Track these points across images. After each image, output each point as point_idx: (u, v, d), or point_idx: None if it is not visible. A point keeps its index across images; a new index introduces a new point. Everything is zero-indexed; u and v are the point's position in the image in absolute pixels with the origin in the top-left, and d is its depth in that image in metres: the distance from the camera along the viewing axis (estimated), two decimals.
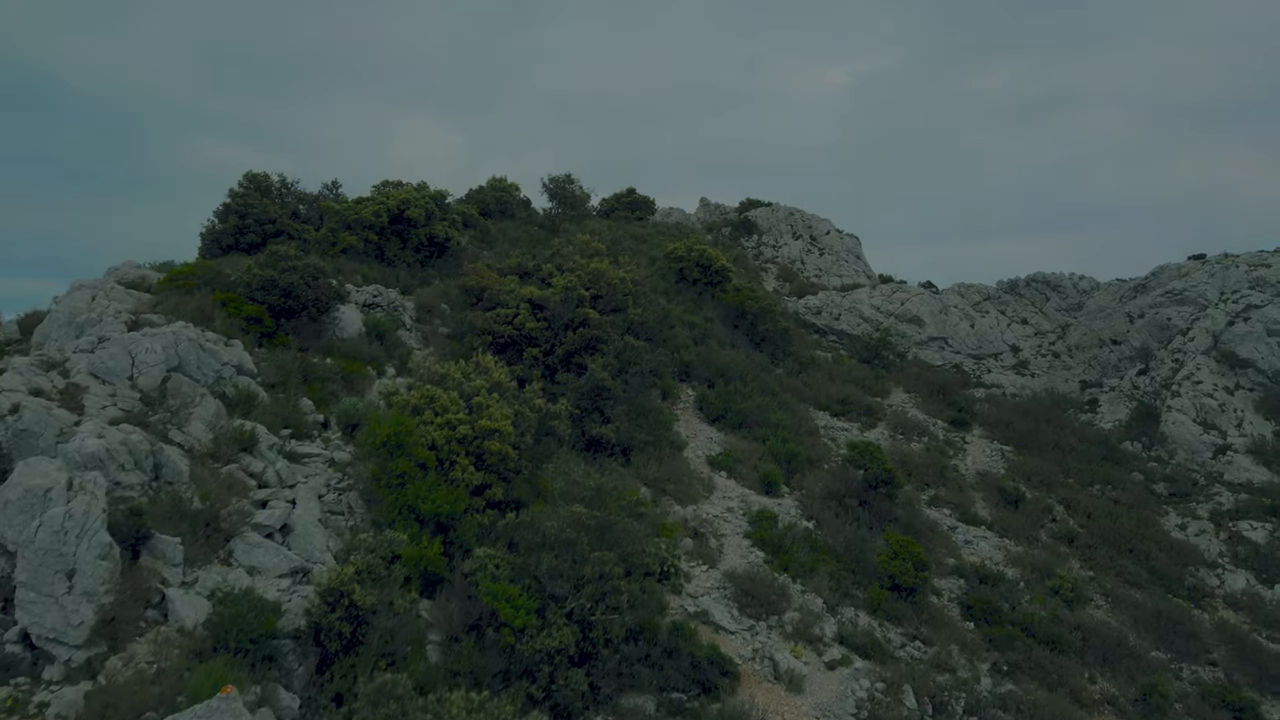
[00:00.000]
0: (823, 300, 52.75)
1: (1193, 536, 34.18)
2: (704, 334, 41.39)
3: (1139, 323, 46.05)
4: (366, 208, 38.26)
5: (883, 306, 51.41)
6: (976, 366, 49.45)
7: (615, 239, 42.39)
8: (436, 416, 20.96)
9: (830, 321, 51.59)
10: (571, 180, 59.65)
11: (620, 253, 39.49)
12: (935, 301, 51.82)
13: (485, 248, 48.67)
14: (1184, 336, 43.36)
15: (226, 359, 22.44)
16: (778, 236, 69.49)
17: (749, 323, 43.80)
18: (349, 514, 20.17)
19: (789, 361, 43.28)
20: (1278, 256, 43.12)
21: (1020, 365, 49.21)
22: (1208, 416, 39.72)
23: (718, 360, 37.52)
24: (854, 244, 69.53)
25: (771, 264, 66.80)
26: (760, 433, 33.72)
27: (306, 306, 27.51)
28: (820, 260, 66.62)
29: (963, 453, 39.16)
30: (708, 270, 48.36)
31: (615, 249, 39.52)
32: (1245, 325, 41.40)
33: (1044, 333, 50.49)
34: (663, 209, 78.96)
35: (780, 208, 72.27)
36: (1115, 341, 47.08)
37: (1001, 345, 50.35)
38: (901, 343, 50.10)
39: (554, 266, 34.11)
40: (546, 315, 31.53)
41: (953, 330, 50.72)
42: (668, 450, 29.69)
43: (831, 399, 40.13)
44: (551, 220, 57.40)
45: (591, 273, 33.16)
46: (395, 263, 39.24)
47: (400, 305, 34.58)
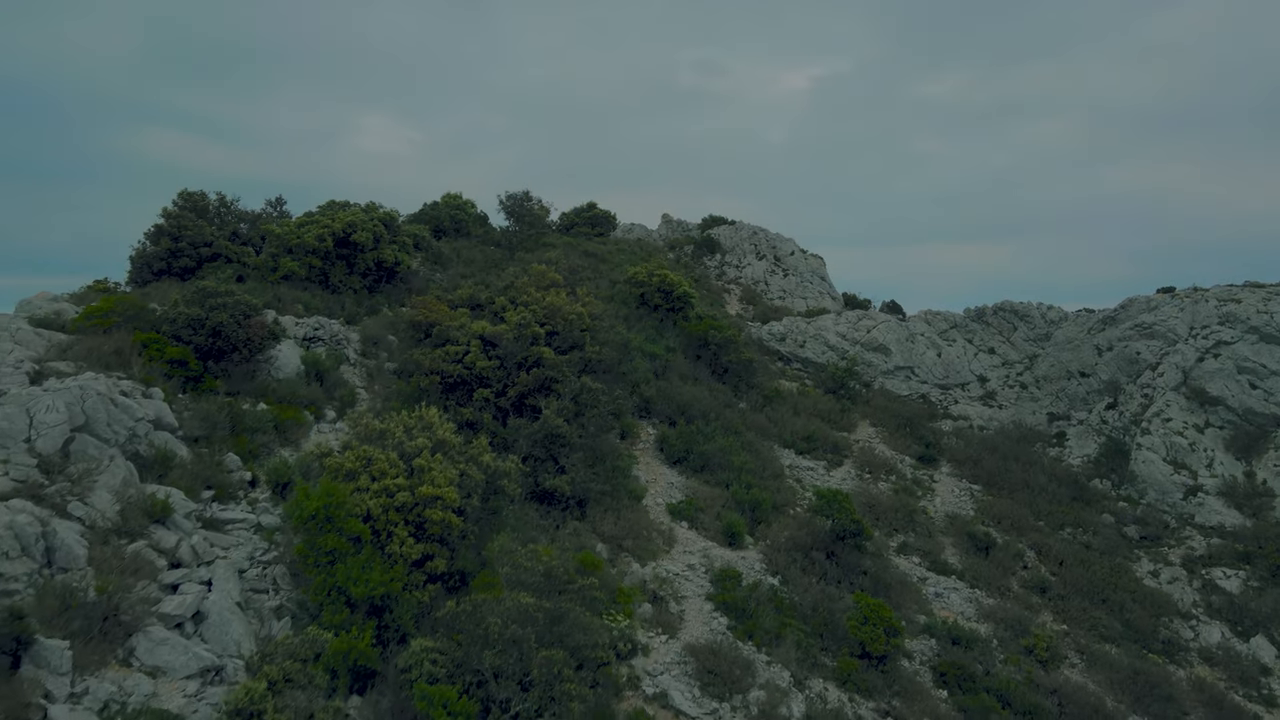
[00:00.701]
0: (787, 326, 51.68)
1: (1165, 584, 33.46)
2: (665, 366, 40.04)
3: (1107, 355, 45.54)
4: (310, 231, 36.36)
5: (848, 334, 50.46)
6: (944, 397, 48.66)
7: (573, 267, 40.85)
8: (373, 482, 19.29)
9: (795, 349, 50.51)
10: (529, 197, 58.04)
11: (578, 282, 38.01)
12: (901, 329, 51.00)
13: (438, 269, 46.92)
14: (1153, 371, 42.88)
15: (142, 413, 20.57)
16: (741, 256, 68.42)
17: (712, 353, 42.51)
18: (274, 591, 18.44)
19: (753, 394, 42.06)
20: (1247, 291, 42.83)
21: (988, 396, 48.52)
22: (1178, 456, 39.17)
23: (679, 396, 36.16)
24: (818, 265, 68.71)
25: (735, 285, 65.71)
26: (723, 476, 32.40)
27: (238, 347, 25.66)
28: (784, 281, 65.66)
29: (931, 493, 38.18)
30: (669, 296, 47.06)
31: (573, 278, 38.01)
32: (1215, 362, 40.98)
33: (1011, 363, 49.88)
34: (624, 225, 77.64)
35: (744, 226, 71.24)
36: (1083, 374, 46.55)
37: (969, 375, 49.63)
38: (868, 372, 49.17)
39: (507, 300, 32.53)
40: (499, 353, 29.93)
41: (919, 359, 49.90)
42: (626, 501, 28.22)
43: (797, 436, 38.96)
44: (509, 239, 55.74)
45: (547, 307, 31.62)
46: (341, 289, 37.39)
47: (344, 338, 32.78)
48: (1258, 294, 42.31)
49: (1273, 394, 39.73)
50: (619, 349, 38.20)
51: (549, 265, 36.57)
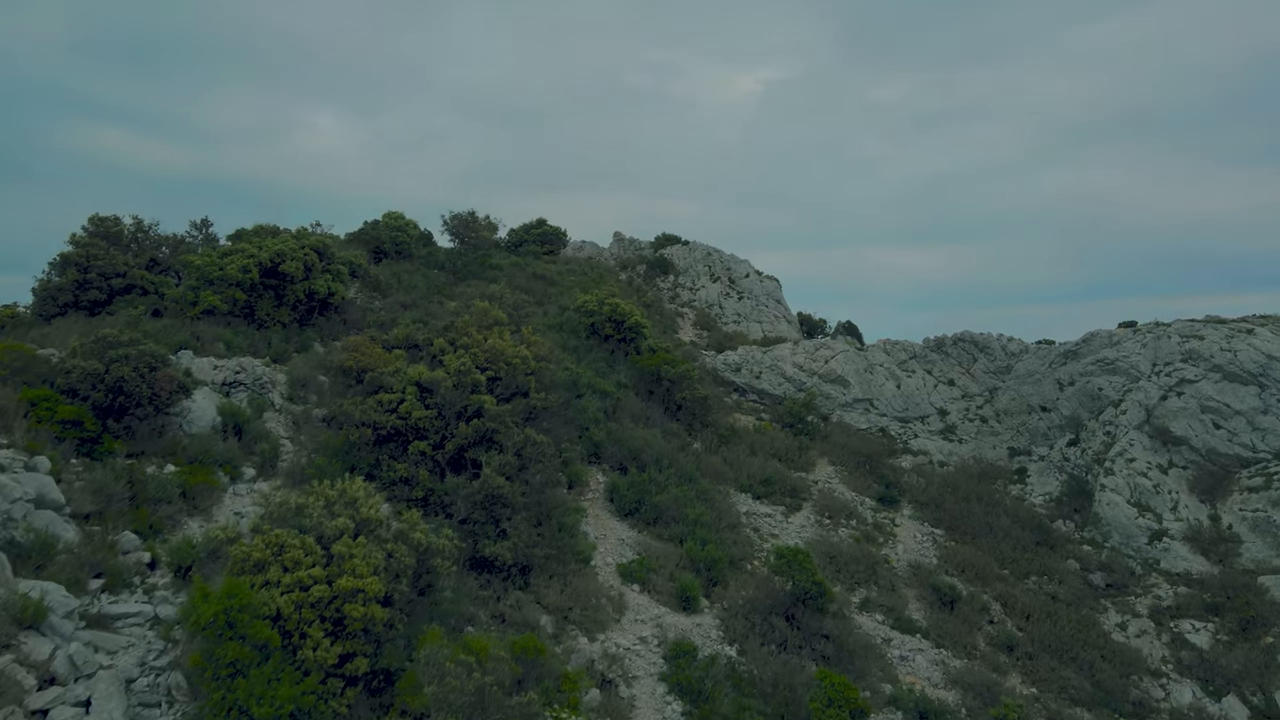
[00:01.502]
0: (743, 356, 50.27)
1: (1134, 638, 32.53)
2: (616, 404, 38.31)
3: (1069, 391, 44.83)
4: (233, 262, 33.98)
5: (806, 365, 49.20)
6: (903, 430, 47.60)
7: (518, 303, 38.88)
8: (285, 574, 17.22)
9: (751, 380, 49.10)
10: (474, 218, 55.97)
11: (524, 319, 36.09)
12: (860, 360, 49.89)
13: (377, 297, 44.68)
14: (1115, 409, 42.21)
15: (20, 492, 18.27)
16: (695, 278, 67.01)
17: (665, 389, 40.87)
18: (168, 704, 16.28)
19: (707, 433, 40.50)
20: (1209, 327, 42.37)
21: (948, 430, 47.56)
22: (1142, 498, 38.43)
23: (631, 441, 34.43)
24: (774, 287, 67.58)
25: (689, 308, 64.26)
26: (677, 530, 30.74)
27: (142, 403, 23.34)
28: (739, 305, 64.37)
29: (893, 538, 36.93)
30: (620, 326, 45.38)
31: (518, 315, 36.08)
32: (1179, 400, 40.39)
33: (971, 395, 49.02)
34: (574, 242, 75.87)
35: (698, 246, 69.88)
36: (1044, 408, 45.80)
37: (928, 408, 48.65)
38: (825, 404, 47.93)
39: (447, 341, 30.52)
40: (437, 401, 27.92)
41: (878, 391, 48.81)
42: (573, 564, 26.39)
43: (754, 479, 37.46)
44: (453, 261, 53.61)
45: (489, 350, 29.68)
46: (268, 324, 35.07)
47: (269, 381, 30.50)
48: (1220, 330, 41.86)
49: (1236, 434, 39.22)
50: (568, 387, 36.43)
51: (492, 301, 34.62)
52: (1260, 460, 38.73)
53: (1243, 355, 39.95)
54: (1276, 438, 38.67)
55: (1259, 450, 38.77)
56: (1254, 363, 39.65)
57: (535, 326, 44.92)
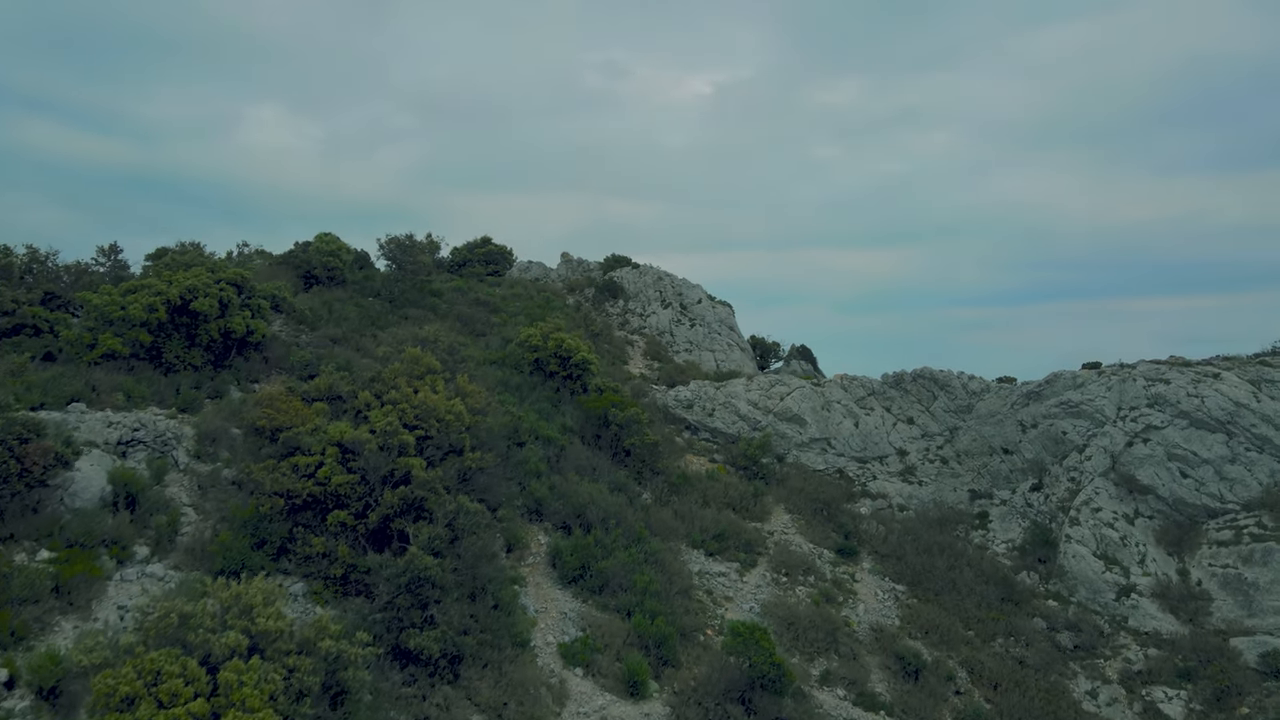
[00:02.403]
0: (695, 392, 48.36)
1: (1105, 707, 31.16)
2: (560, 452, 36.12)
3: (1032, 433, 43.66)
4: (137, 300, 31.13)
5: (760, 403, 47.44)
6: (861, 471, 46.06)
7: (453, 346, 36.41)
8: (159, 711, 14.72)
9: (703, 418, 47.20)
10: (413, 241, 53.32)
11: (460, 363, 33.68)
12: (817, 396, 48.27)
13: (305, 330, 41.92)
14: (1080, 454, 41.07)
15: None
16: (645, 304, 65.06)
17: (613, 434, 38.74)
18: None
19: (657, 482, 38.46)
20: (1175, 371, 41.48)
21: (907, 471, 46.13)
22: (1109, 550, 37.24)
23: (576, 496, 32.23)
24: (726, 314, 65.90)
25: (639, 335, 62.27)
26: (625, 600, 28.60)
27: (10, 479, 20.58)
28: (691, 332, 62.56)
29: (853, 596, 35.21)
30: (566, 363, 43.26)
31: (454, 359, 33.67)
32: (1145, 447, 39.35)
33: (931, 435, 47.68)
34: (520, 263, 73.58)
35: (649, 270, 67.97)
36: (1006, 450, 44.57)
37: (888, 448, 47.19)
38: (781, 444, 46.21)
39: (373, 395, 28.04)
40: (360, 465, 25.46)
41: (836, 430, 47.23)
42: (509, 650, 24.09)
43: (707, 533, 35.50)
44: (390, 288, 50.94)
45: (419, 406, 27.26)
46: (178, 367, 32.26)
47: (173, 437, 27.75)
48: (1186, 375, 40.97)
49: (1204, 484, 38.25)
50: (508, 434, 34.19)
51: (425, 347, 32.17)
52: (1228, 511, 37.80)
53: (1210, 402, 39.05)
54: (1244, 488, 37.78)
55: (1227, 501, 37.83)
56: (1221, 410, 38.76)
57: (475, 363, 42.59)
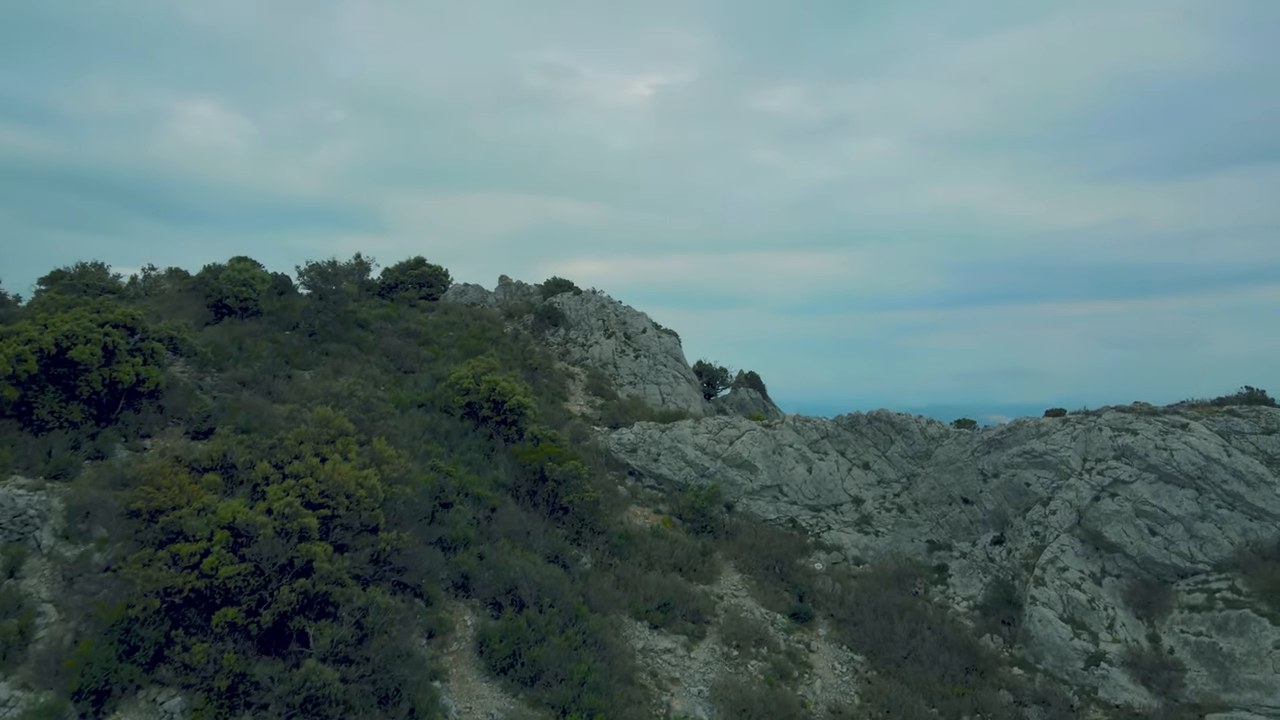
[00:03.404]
0: (639, 435, 45.77)
1: None
2: (491, 513, 33.27)
3: (993, 483, 41.90)
4: (2, 351, 27.49)
5: (709, 447, 45.02)
6: (815, 521, 43.88)
7: (370, 401, 33.25)
8: None
9: (648, 463, 44.63)
10: (336, 267, 49.89)
11: (379, 420, 30.56)
12: (768, 440, 46.02)
13: (211, 371, 38.36)
14: (1044, 507, 39.38)
15: None
16: (588, 333, 62.36)
17: (550, 489, 35.95)
18: None
19: (598, 542, 35.73)
20: (1141, 420, 40.04)
21: (863, 521, 44.06)
22: (1076, 613, 35.49)
23: (508, 570, 29.38)
24: (673, 344, 63.47)
25: (581, 366, 59.54)
26: (561, 693, 25.81)
27: None
28: (635, 364, 60.01)
29: (809, 670, 32.88)
30: (500, 407, 40.42)
31: (371, 415, 30.56)
32: (1113, 503, 37.77)
33: (888, 481, 45.69)
34: (456, 286, 70.48)
35: (591, 297, 65.30)
36: (966, 500, 42.76)
37: (842, 495, 45.09)
38: (731, 491, 43.84)
39: (272, 465, 24.89)
40: (255, 553, 22.33)
41: (788, 476, 45.00)
42: None
43: (651, 602, 32.89)
44: (311, 319, 47.44)
45: (326, 481, 24.19)
46: (52, 425, 28.70)
47: (37, 514, 24.31)
48: (1153, 425, 39.53)
49: (1173, 542, 36.75)
50: (433, 493, 31.28)
51: (338, 405, 29.05)
52: (1199, 571, 36.33)
53: (1179, 456, 37.60)
54: (1215, 547, 36.35)
55: (1197, 561, 36.37)
56: (1192, 464, 37.33)
57: (402, 407, 39.46)
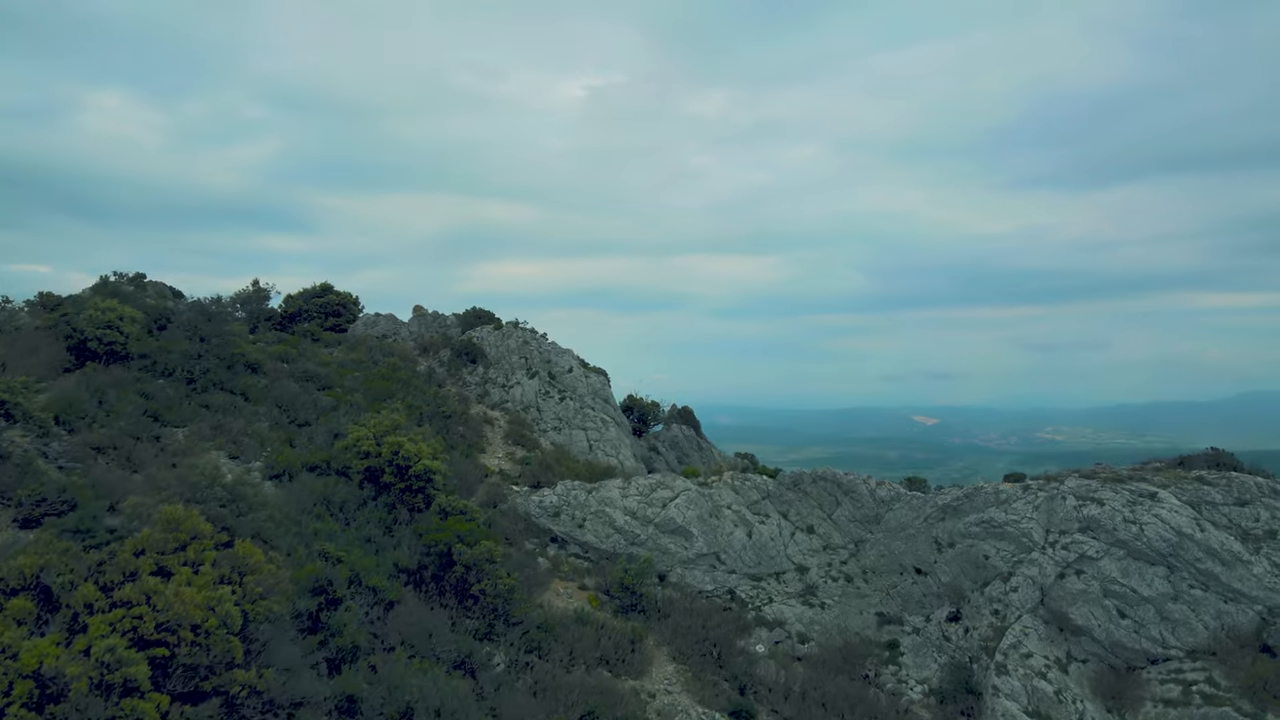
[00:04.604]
0: (563, 497, 41.78)
1: None
2: (388, 609, 28.98)
3: (949, 553, 38.96)
4: None
5: (639, 511, 41.25)
6: (755, 592, 40.39)
7: (238, 488, 28.52)
8: None
9: (572, 529, 40.69)
10: (220, 304, 44.85)
11: (247, 512, 25.96)
12: (704, 501, 42.43)
13: (61, 434, 33.33)
14: (1005, 583, 36.54)
15: None
16: (509, 372, 58.16)
17: (459, 575, 31.78)
18: None
19: (514, 635, 31.64)
20: (1107, 488, 37.50)
21: (808, 591, 40.73)
22: (1042, 706, 32.60)
23: (403, 689, 25.13)
24: (601, 384, 59.64)
25: (501, 410, 55.33)
26: None
27: None
28: (560, 407, 56.01)
29: None
30: (405, 473, 36.10)
31: (238, 508, 26.01)
32: (1079, 581, 35.07)
33: (834, 547, 42.47)
34: (367, 316, 65.69)
35: (513, 332, 61.14)
36: (919, 571, 39.76)
37: (785, 562, 41.72)
38: (664, 560, 40.13)
39: (98, 587, 20.31)
40: (64, 711, 17.78)
41: (726, 542, 41.47)
42: None
43: (574, 711, 28.89)
44: (190, 364, 42.34)
45: (165, 610, 19.72)
46: None
47: None
48: (1120, 495, 37.02)
49: (1144, 625, 34.16)
50: (315, 587, 26.94)
51: (192, 499, 24.44)
52: (1171, 657, 33.77)
53: (1150, 531, 35.07)
54: (1189, 631, 33.84)
55: (1169, 646, 33.81)
56: (1163, 540, 34.82)
57: (288, 472, 34.99)
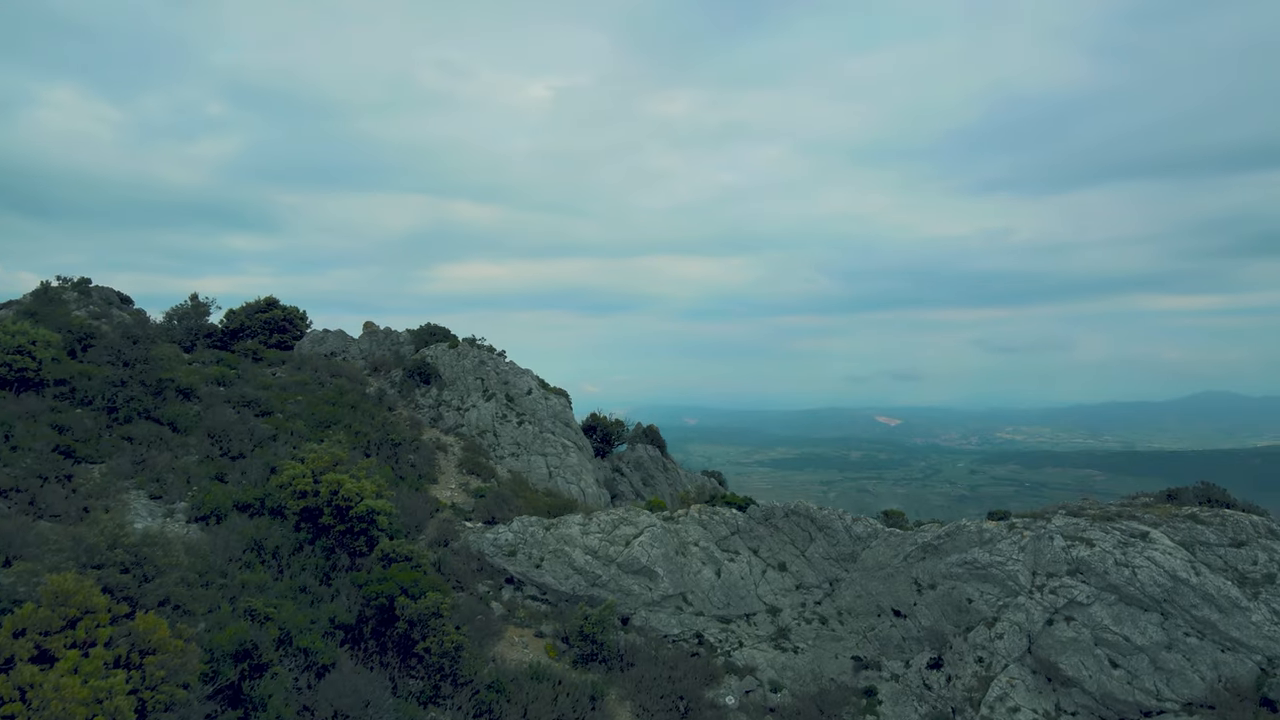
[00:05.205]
0: (519, 534, 39.23)
1: None
2: (319, 676, 26.27)
3: (929, 595, 36.93)
4: None
5: (601, 550, 38.78)
6: (725, 636, 38.08)
7: (144, 550, 25.52)
8: None
9: (529, 569, 38.14)
10: (144, 322, 41.75)
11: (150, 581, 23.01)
12: (670, 539, 40.07)
13: None
14: (989, 629, 34.55)
15: None
16: (464, 394, 55.47)
17: (402, 631, 29.13)
18: None
19: (463, 696, 29.05)
20: (1096, 527, 35.65)
21: (780, 634, 38.48)
22: None
23: None
24: (561, 406, 57.12)
25: (455, 435, 52.63)
26: None
27: None
28: (519, 431, 53.42)
29: None
30: (345, 514, 33.39)
31: (142, 574, 23.06)
32: (1069, 629, 33.14)
33: (808, 586, 40.29)
34: (315, 332, 62.69)
35: (468, 351, 58.44)
36: (898, 613, 37.68)
37: (756, 603, 39.46)
38: (627, 603, 37.70)
39: None
40: None
41: (693, 581, 39.14)
42: None
43: None
44: (113, 392, 39.23)
45: (42, 708, 16.92)
46: None
47: None
48: (1111, 535, 35.19)
49: (1137, 676, 32.29)
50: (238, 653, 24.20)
51: (87, 565, 21.58)
52: (1165, 710, 31.91)
53: (1143, 575, 33.24)
54: (1184, 683, 32.01)
55: (1164, 698, 31.96)
56: (1157, 585, 33.00)
57: (216, 514, 32.20)
